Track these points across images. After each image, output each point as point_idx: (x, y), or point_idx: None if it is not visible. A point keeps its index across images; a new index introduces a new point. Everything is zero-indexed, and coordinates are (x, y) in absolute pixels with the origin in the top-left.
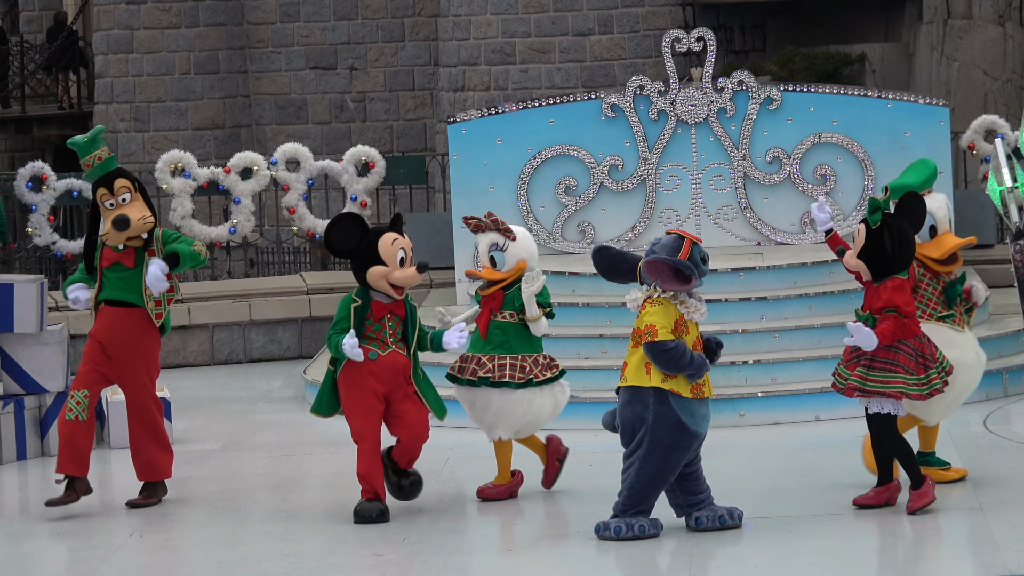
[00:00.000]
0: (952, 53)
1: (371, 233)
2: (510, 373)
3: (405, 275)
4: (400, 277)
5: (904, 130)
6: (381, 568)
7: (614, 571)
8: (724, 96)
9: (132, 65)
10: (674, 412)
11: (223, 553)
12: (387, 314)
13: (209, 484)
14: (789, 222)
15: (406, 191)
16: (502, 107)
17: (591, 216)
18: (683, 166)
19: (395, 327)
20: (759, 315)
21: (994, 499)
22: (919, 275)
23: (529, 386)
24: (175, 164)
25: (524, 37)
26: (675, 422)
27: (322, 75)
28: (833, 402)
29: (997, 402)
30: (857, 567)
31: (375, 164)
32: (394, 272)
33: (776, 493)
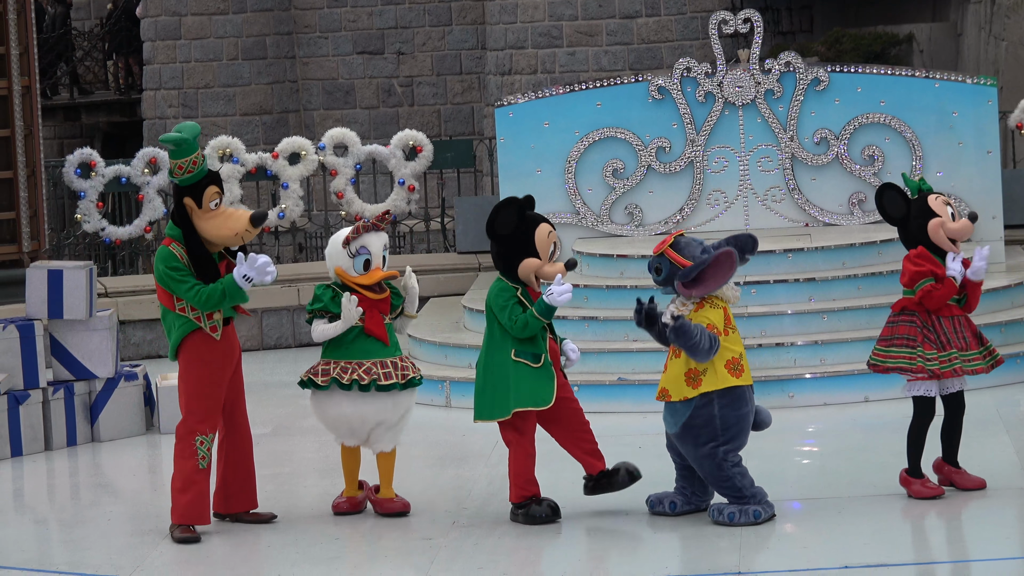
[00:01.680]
0: (1000, 32)
1: (528, 221)
2: (413, 371)
3: (555, 269)
4: (551, 271)
5: (952, 110)
6: (431, 552)
7: (665, 551)
8: (771, 77)
9: (180, 51)
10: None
11: (273, 537)
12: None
13: (259, 468)
14: (837, 203)
15: (454, 175)
16: (549, 90)
17: (639, 198)
18: (731, 148)
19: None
20: (807, 296)
21: None
22: None
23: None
24: (223, 150)
25: (571, 20)
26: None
27: (369, 60)
28: (882, 383)
29: None
30: (906, 547)
31: (423, 148)
32: (545, 267)
33: (825, 474)
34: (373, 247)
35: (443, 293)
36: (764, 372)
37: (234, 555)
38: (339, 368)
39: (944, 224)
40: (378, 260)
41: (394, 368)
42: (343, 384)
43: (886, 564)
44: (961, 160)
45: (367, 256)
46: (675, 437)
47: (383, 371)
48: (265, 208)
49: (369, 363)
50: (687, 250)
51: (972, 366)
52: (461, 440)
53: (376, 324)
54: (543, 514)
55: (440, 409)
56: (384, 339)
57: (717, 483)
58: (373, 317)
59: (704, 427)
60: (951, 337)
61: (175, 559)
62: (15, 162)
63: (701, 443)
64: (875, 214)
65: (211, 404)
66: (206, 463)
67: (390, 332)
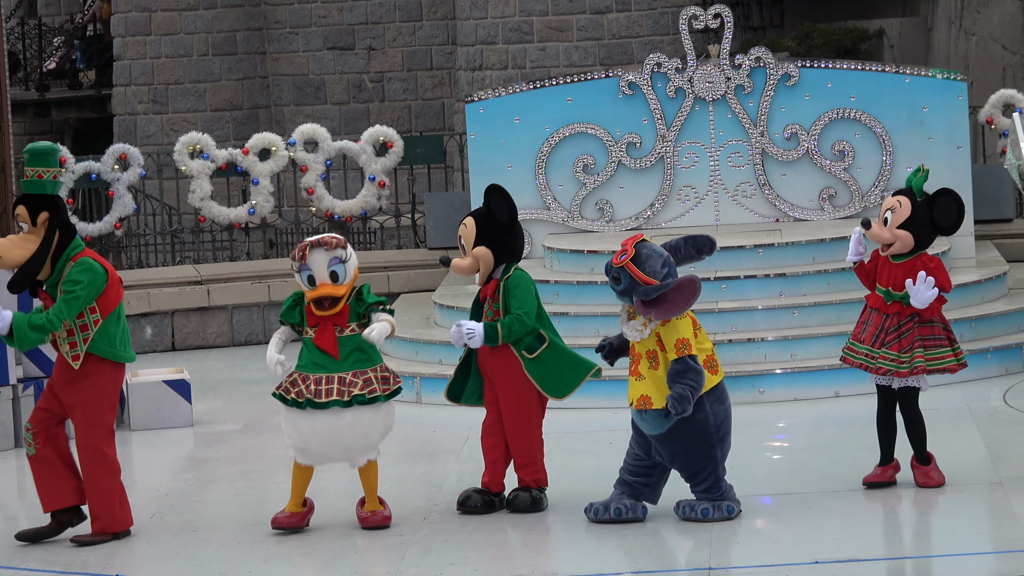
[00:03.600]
0: (970, 27)
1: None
2: (380, 387)
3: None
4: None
5: (922, 105)
6: (402, 548)
7: (636, 547)
8: (742, 73)
9: (150, 47)
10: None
11: (244, 534)
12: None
13: (229, 465)
14: (808, 198)
15: (424, 170)
16: (520, 86)
17: (609, 194)
18: (701, 143)
19: (493, 315)
20: (778, 292)
21: (1014, 474)
22: None
23: (395, 395)
24: (193, 146)
25: (541, 15)
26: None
27: (340, 55)
28: (852, 378)
29: (1017, 376)
30: (877, 542)
31: (393, 144)
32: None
33: (796, 469)
34: (315, 264)
35: (413, 289)
36: (735, 368)
37: (203, 551)
38: (289, 381)
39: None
40: (322, 276)
41: (340, 383)
42: (286, 400)
43: (856, 559)
44: (931, 155)
45: (310, 272)
46: (659, 439)
47: (325, 387)
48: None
49: (314, 378)
50: (648, 264)
51: (871, 363)
52: (432, 436)
53: (325, 339)
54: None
55: (411, 405)
56: (333, 354)
57: (704, 481)
58: (322, 331)
59: (699, 429)
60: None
61: (145, 555)
62: None
63: (696, 445)
64: (846, 209)
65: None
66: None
67: (348, 345)
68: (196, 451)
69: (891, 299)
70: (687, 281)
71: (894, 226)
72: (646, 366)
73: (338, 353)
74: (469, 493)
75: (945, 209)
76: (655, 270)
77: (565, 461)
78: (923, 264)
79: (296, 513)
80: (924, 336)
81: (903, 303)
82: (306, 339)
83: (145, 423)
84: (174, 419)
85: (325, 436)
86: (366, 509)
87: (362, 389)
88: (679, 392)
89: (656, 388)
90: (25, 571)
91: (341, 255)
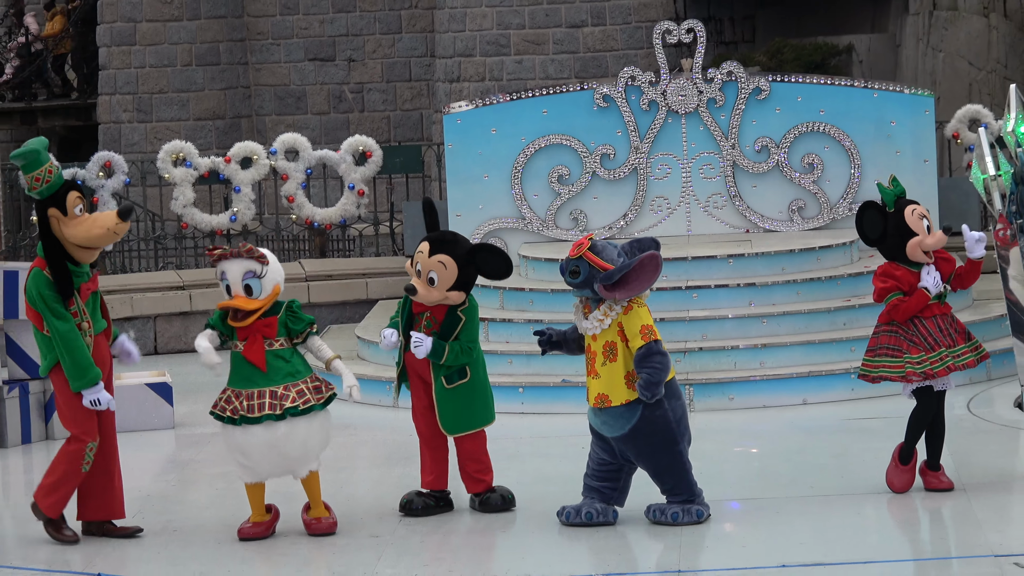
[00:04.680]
0: (937, 44)
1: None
2: (313, 397)
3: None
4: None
5: (890, 119)
6: (378, 549)
7: (606, 549)
8: (714, 86)
9: (135, 57)
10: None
11: (224, 534)
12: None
13: (209, 467)
14: (777, 210)
15: (403, 180)
16: (496, 97)
17: (583, 204)
18: (673, 155)
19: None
20: (748, 301)
21: (977, 480)
22: None
23: (329, 403)
24: (177, 154)
25: (518, 29)
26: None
27: (321, 66)
28: (820, 385)
29: (980, 385)
30: (842, 547)
31: (372, 153)
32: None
33: (764, 475)
34: (231, 274)
35: (391, 296)
36: (705, 375)
37: (184, 552)
38: (224, 399)
39: (922, 242)
40: (237, 287)
41: (271, 397)
42: (223, 418)
43: (823, 563)
44: (898, 168)
45: (227, 282)
46: (622, 440)
47: (257, 402)
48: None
49: (246, 393)
50: (605, 253)
51: (962, 360)
52: (408, 439)
53: (251, 351)
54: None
55: (387, 409)
56: (261, 367)
57: (674, 480)
58: (251, 344)
59: (660, 427)
60: (937, 337)
61: (125, 556)
62: None
63: (659, 443)
64: (815, 220)
65: (88, 414)
66: (88, 468)
67: (276, 358)
68: (177, 453)
69: (944, 300)
70: (647, 258)
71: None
72: (601, 361)
73: (266, 367)
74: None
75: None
76: (612, 258)
77: (539, 466)
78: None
79: (260, 523)
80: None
81: (940, 301)
82: (235, 352)
83: (128, 425)
84: (156, 421)
85: (264, 449)
86: (311, 515)
87: (294, 402)
88: (647, 377)
89: (612, 384)
90: (9, 569)
91: (256, 269)
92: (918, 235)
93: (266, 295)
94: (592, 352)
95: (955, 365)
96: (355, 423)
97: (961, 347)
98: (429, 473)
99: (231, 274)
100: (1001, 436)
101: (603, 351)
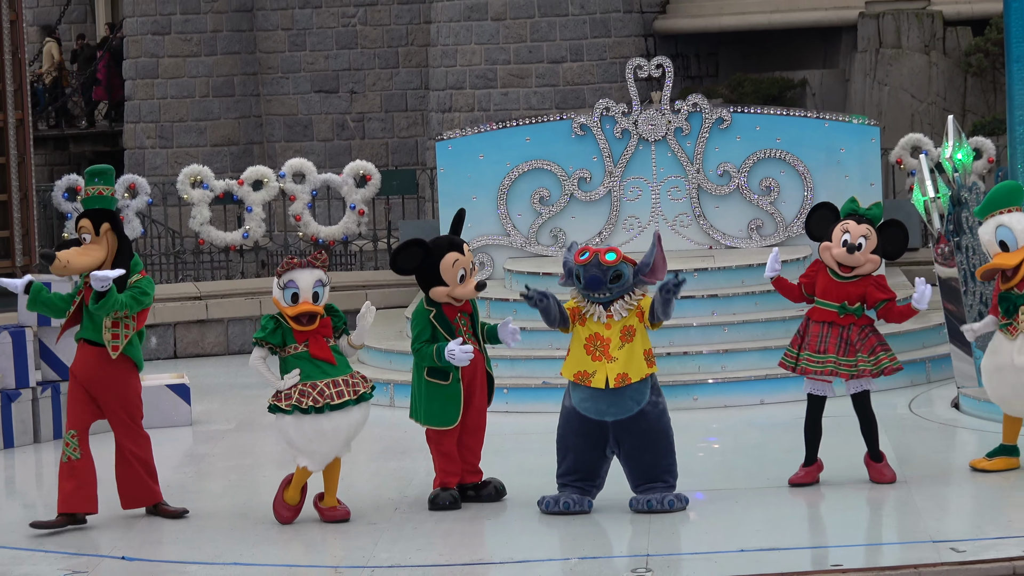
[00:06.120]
0: (883, 78)
1: (434, 252)
2: (364, 385)
3: (465, 291)
4: (461, 294)
5: (840, 147)
6: (375, 535)
7: (583, 536)
8: (680, 117)
9: (157, 89)
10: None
11: (236, 521)
12: (457, 314)
13: (224, 460)
14: (738, 228)
15: (399, 201)
16: (484, 126)
17: (562, 223)
18: (644, 179)
19: (466, 324)
20: (711, 311)
21: (917, 473)
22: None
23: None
24: (195, 176)
25: (504, 64)
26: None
27: (325, 98)
28: (776, 387)
29: (920, 388)
30: (796, 534)
31: (372, 177)
32: (455, 290)
33: (725, 468)
34: (302, 282)
35: (388, 305)
36: (672, 377)
37: (199, 536)
38: (298, 393)
39: (830, 248)
40: (307, 295)
41: (345, 385)
42: (303, 409)
43: (777, 548)
44: (847, 191)
45: (295, 290)
46: (628, 422)
47: (335, 390)
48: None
49: (322, 384)
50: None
51: (850, 371)
52: (403, 435)
53: (320, 348)
54: (446, 501)
55: (385, 408)
56: (331, 360)
57: (668, 461)
58: (316, 342)
59: (661, 410)
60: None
61: (147, 539)
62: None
63: (662, 426)
64: (772, 238)
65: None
66: (76, 456)
67: (336, 352)
68: (194, 447)
69: (847, 312)
70: (655, 240)
71: (868, 251)
72: (618, 345)
73: (335, 359)
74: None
75: (894, 238)
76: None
77: (522, 459)
78: (874, 281)
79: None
80: (880, 341)
81: (856, 315)
82: (296, 354)
83: (150, 422)
84: (175, 419)
85: (339, 433)
86: (326, 503)
87: (362, 388)
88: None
89: (632, 362)
90: (43, 552)
91: (323, 278)
92: (831, 242)
93: (325, 299)
94: (604, 339)
95: (837, 372)
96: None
97: (857, 358)
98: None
99: (302, 282)
100: (939, 433)
101: (620, 335)
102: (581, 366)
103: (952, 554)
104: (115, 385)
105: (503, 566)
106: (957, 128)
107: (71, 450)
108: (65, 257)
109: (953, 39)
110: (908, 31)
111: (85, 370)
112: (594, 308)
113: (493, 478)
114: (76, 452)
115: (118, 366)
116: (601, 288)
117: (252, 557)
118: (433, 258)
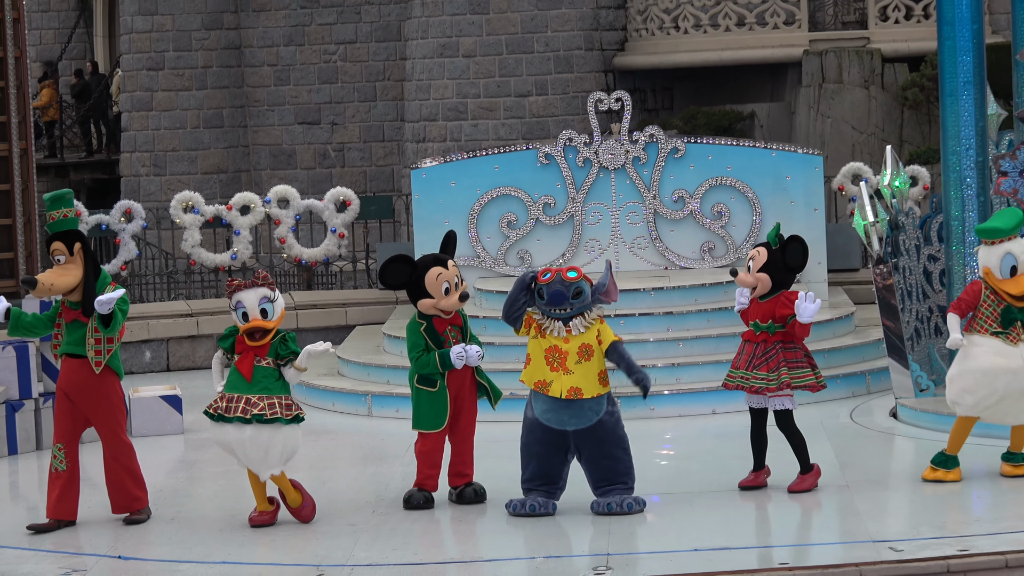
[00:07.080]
0: (826, 111)
1: (419, 268)
2: (282, 411)
3: (449, 303)
4: (446, 305)
5: (786, 174)
6: (355, 535)
7: (546, 536)
8: (638, 147)
9: (152, 120)
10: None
11: (224, 523)
12: (448, 327)
13: (214, 466)
14: (691, 250)
15: (377, 224)
16: (456, 155)
17: (529, 245)
18: (604, 204)
19: (456, 336)
20: (666, 327)
21: (858, 478)
22: (984, 296)
23: (295, 422)
24: (186, 202)
25: (475, 98)
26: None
27: (308, 129)
28: (727, 398)
29: (861, 398)
30: (745, 534)
31: (351, 202)
32: (440, 302)
33: (680, 473)
34: (247, 301)
35: (366, 322)
36: (630, 389)
37: (190, 537)
38: (216, 399)
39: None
40: (254, 312)
41: (246, 403)
42: (208, 414)
43: (729, 547)
44: (793, 216)
45: (243, 309)
46: (586, 431)
47: (233, 404)
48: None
49: (229, 396)
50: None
51: (751, 384)
52: (381, 443)
53: (241, 364)
54: (419, 501)
55: (363, 418)
56: (247, 377)
57: (626, 466)
58: (243, 359)
59: (617, 419)
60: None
61: (141, 540)
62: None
63: (618, 435)
64: (723, 259)
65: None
66: (63, 468)
67: (265, 373)
68: (186, 454)
69: (759, 330)
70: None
71: (755, 271)
72: (575, 360)
73: (251, 377)
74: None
75: (793, 251)
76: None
77: (491, 465)
78: (785, 298)
79: (265, 512)
80: (788, 359)
81: (768, 332)
82: (232, 364)
83: (144, 431)
84: (168, 428)
85: (232, 445)
86: (291, 504)
87: (262, 410)
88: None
89: (587, 380)
90: (44, 552)
91: (270, 295)
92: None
93: (277, 316)
94: (563, 352)
95: (742, 385)
96: (335, 429)
97: (757, 373)
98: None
99: (247, 302)
100: (879, 441)
101: (578, 351)
102: (540, 375)
103: (891, 553)
104: (100, 396)
105: (473, 564)
106: (895, 157)
107: (58, 462)
108: (48, 279)
109: (891, 75)
110: (849, 67)
111: (71, 383)
112: (553, 324)
113: (474, 482)
114: (63, 464)
115: (102, 378)
116: (564, 303)
117: (240, 556)
118: (419, 273)
